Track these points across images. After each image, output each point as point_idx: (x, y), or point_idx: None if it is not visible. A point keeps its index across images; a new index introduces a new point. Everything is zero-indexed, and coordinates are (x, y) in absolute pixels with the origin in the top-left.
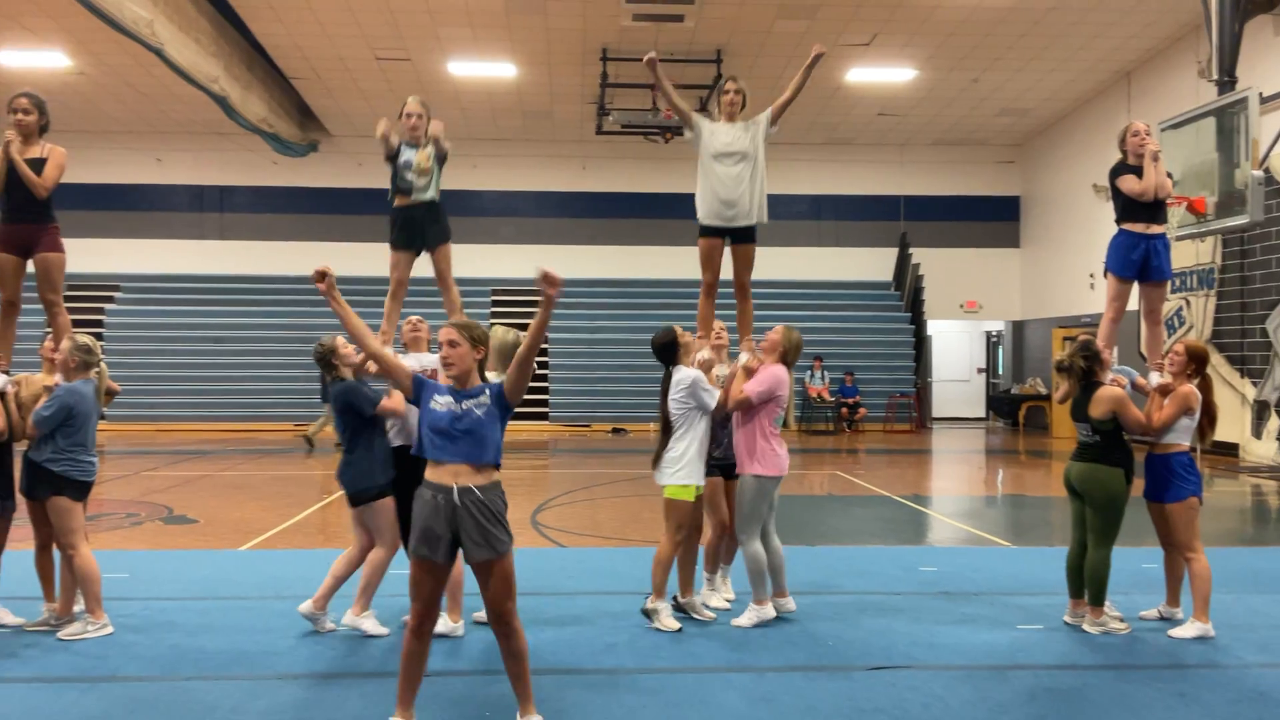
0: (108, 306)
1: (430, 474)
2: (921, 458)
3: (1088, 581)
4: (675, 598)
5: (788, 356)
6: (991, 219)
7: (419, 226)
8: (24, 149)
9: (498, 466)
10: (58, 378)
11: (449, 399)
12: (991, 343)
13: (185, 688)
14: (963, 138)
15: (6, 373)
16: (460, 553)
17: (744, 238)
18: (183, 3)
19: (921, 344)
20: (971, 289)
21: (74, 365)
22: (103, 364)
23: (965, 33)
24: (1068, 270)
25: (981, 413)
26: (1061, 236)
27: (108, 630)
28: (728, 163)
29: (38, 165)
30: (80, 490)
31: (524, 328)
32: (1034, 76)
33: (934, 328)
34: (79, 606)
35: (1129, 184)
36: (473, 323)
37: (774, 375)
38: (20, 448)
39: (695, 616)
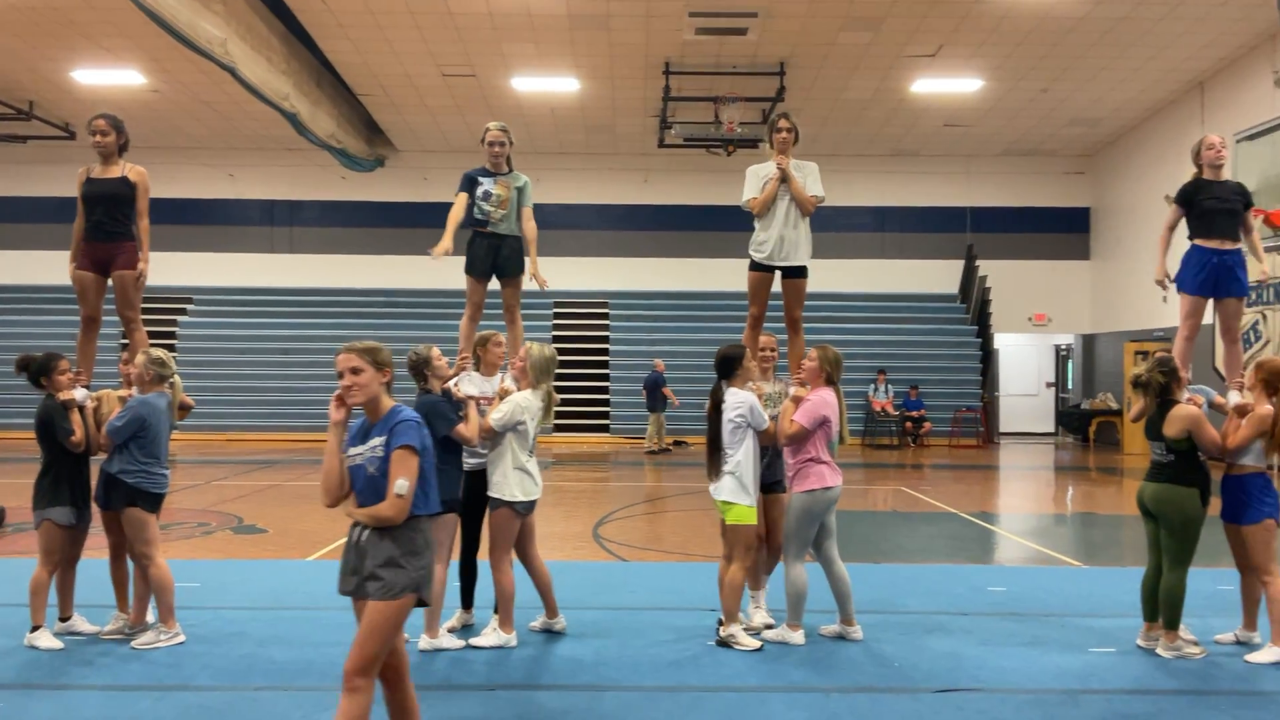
0: (181, 318)
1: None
2: (988, 474)
3: (1162, 605)
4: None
5: (832, 376)
6: (1061, 230)
7: (493, 256)
8: (104, 169)
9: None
10: (133, 390)
11: (358, 446)
12: (1061, 356)
13: (255, 698)
14: (1031, 148)
15: (87, 388)
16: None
17: (794, 274)
18: (254, 22)
19: (988, 357)
20: (1040, 302)
21: (149, 378)
22: (177, 378)
23: (1034, 42)
24: (1140, 283)
25: (1050, 428)
26: (1133, 249)
27: (180, 639)
28: (779, 199)
29: (119, 184)
30: (153, 502)
31: (587, 340)
32: (1105, 86)
33: (1001, 341)
34: (152, 615)
35: None
36: (377, 345)
37: (820, 399)
38: (97, 460)
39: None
